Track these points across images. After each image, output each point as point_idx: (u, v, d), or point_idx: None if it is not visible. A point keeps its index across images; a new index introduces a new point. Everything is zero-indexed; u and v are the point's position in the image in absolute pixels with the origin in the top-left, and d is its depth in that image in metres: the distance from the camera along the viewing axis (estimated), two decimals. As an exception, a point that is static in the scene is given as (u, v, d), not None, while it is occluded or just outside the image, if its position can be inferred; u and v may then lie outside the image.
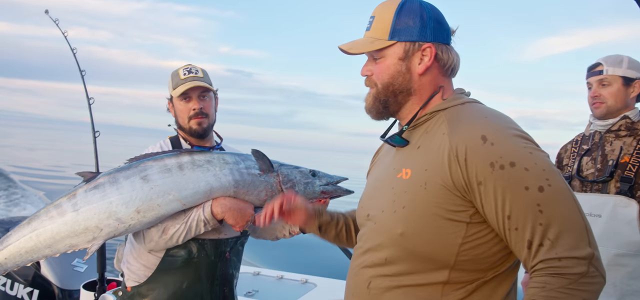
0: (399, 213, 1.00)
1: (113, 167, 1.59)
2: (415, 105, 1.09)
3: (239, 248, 1.80)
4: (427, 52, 1.06)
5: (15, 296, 2.83)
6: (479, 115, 1.00)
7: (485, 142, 0.91)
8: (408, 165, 1.04)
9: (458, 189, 0.93)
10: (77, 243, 1.52)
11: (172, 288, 1.64)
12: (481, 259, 0.97)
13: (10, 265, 1.53)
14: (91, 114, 2.45)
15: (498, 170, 0.89)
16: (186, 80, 1.70)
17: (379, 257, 1.04)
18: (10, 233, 1.54)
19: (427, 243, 0.97)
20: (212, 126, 1.78)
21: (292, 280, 3.06)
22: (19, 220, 3.31)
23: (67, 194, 1.54)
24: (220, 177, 1.59)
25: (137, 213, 1.51)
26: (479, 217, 0.94)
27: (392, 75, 1.08)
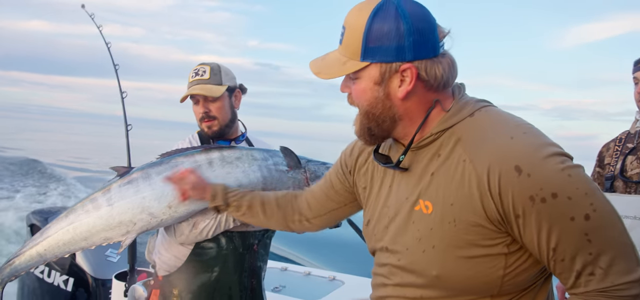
0: (430, 253, 0.92)
1: (145, 162, 1.62)
2: (409, 129, 0.97)
3: (266, 241, 1.82)
4: (407, 74, 0.90)
5: (52, 283, 2.94)
6: (501, 133, 0.87)
7: (520, 173, 0.82)
8: (426, 197, 0.93)
9: (492, 222, 0.86)
10: (111, 236, 1.56)
11: (201, 278, 1.67)
12: (525, 282, 0.91)
13: (49, 256, 1.59)
14: (124, 108, 2.49)
15: (539, 203, 0.81)
16: (191, 84, 1.71)
17: (412, 294, 0.97)
18: (49, 225, 1.59)
19: (466, 280, 0.90)
20: (227, 125, 1.75)
21: (319, 277, 3.04)
22: (57, 210, 3.43)
23: (102, 188, 1.58)
24: (249, 173, 1.60)
25: (169, 208, 1.54)
26: (516, 245, 0.88)
27: (369, 103, 0.95)
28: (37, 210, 3.40)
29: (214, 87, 1.70)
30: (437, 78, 0.92)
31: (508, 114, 0.93)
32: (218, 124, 1.72)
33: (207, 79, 1.71)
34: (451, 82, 0.96)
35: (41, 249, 1.58)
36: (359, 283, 2.89)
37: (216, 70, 1.73)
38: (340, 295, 2.67)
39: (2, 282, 1.60)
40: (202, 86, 1.69)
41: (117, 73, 2.53)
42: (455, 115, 0.94)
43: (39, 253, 1.58)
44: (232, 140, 1.80)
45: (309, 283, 2.96)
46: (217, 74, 1.73)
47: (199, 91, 1.68)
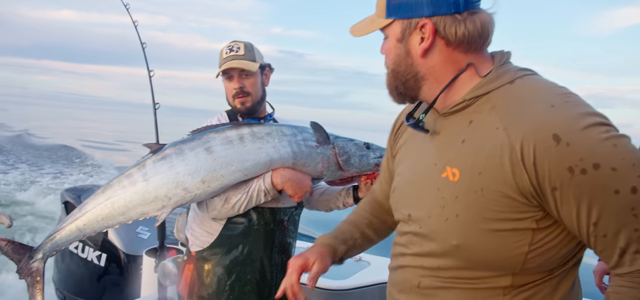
0: (452, 222, 0.88)
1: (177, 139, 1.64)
2: (435, 89, 0.93)
3: (295, 218, 1.83)
4: (425, 30, 0.89)
5: (86, 259, 3.04)
6: (541, 100, 0.81)
7: (559, 142, 0.76)
8: (454, 164, 0.89)
9: (524, 195, 0.80)
10: (147, 211, 1.58)
11: (233, 254, 1.69)
12: (549, 262, 0.86)
13: (88, 230, 1.63)
14: (151, 86, 2.51)
15: (579, 175, 0.75)
16: (227, 59, 1.71)
17: (430, 263, 0.94)
18: (87, 201, 1.63)
19: (487, 253, 0.86)
20: (259, 102, 1.77)
21: (345, 257, 3.03)
22: (89, 187, 3.53)
23: (137, 164, 1.60)
24: (280, 148, 1.62)
25: (203, 183, 1.56)
26: (547, 221, 0.83)
27: (394, 60, 0.95)
28: (71, 187, 3.52)
29: (249, 63, 1.72)
30: (458, 36, 0.88)
31: (551, 83, 0.86)
32: (251, 100, 1.74)
33: (242, 55, 1.73)
34: (480, 44, 0.90)
35: (80, 224, 1.62)
36: (385, 264, 2.86)
37: (250, 47, 1.75)
38: (367, 275, 2.65)
39: (44, 256, 1.65)
40: (238, 61, 1.71)
41: (144, 51, 2.56)
42: (493, 82, 0.88)
43: (79, 227, 1.62)
44: (261, 118, 1.81)
45: (335, 263, 2.95)
46: (250, 51, 1.75)
47: (236, 65, 1.70)
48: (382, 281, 2.59)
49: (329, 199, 1.86)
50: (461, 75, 0.91)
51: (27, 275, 1.65)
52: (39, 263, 1.65)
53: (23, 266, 1.64)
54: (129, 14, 2.56)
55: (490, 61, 0.92)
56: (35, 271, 1.65)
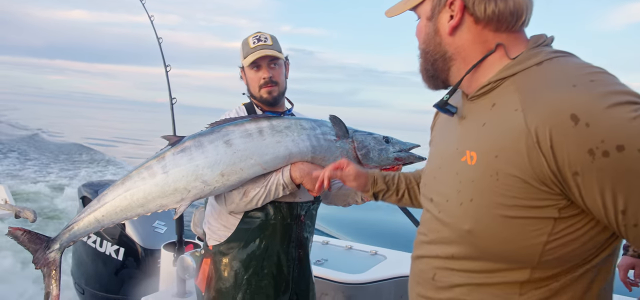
0: (466, 206, 0.84)
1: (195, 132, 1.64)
2: (463, 71, 0.90)
3: (312, 212, 1.82)
4: (454, 6, 0.86)
5: (104, 253, 3.08)
6: (564, 81, 0.75)
7: (577, 123, 0.69)
8: (473, 148, 0.85)
9: (542, 181, 0.75)
10: (167, 203, 1.57)
11: (250, 248, 1.69)
12: (571, 256, 0.79)
13: (106, 222, 1.62)
14: (168, 81, 2.53)
15: (601, 158, 0.68)
16: (255, 48, 1.71)
17: (444, 251, 0.91)
18: (106, 192, 1.62)
19: (501, 242, 0.80)
20: (283, 94, 1.79)
21: (361, 251, 3.03)
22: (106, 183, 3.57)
23: (156, 156, 1.60)
24: (299, 142, 1.61)
25: (222, 176, 1.55)
26: (570, 210, 0.76)
27: (423, 40, 0.93)
28: (88, 183, 3.56)
29: (278, 52, 1.74)
30: (487, 13, 0.84)
31: (584, 63, 0.79)
32: (278, 90, 1.75)
33: (270, 45, 1.74)
34: (513, 23, 0.86)
35: (99, 215, 1.61)
36: (401, 258, 2.86)
37: (275, 39, 1.77)
38: (383, 269, 2.64)
39: (62, 246, 1.65)
40: (269, 49, 1.71)
41: (160, 46, 2.57)
42: (520, 64, 0.83)
43: (97, 219, 1.61)
44: (281, 113, 1.80)
45: (351, 257, 2.95)
46: (276, 42, 1.77)
47: (269, 52, 1.70)
48: (398, 275, 2.58)
49: (347, 193, 1.85)
50: (490, 56, 0.87)
51: (43, 265, 1.64)
52: (56, 253, 1.64)
53: (39, 256, 1.64)
54: (145, 9, 2.58)
55: (524, 43, 0.87)
56: (52, 262, 1.64)
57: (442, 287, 0.92)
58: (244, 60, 1.74)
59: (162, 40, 2.55)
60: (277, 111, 1.79)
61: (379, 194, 1.39)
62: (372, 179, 1.38)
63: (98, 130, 29.42)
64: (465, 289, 0.88)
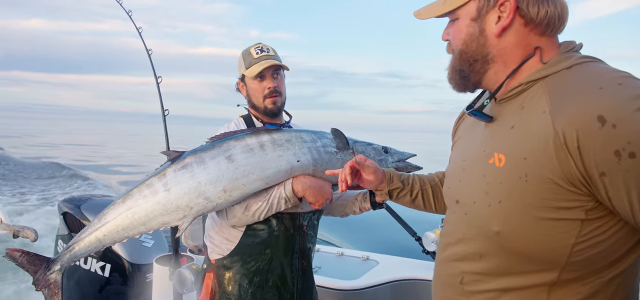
0: (495, 208, 0.85)
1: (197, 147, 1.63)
2: (501, 74, 0.90)
3: (314, 222, 1.83)
4: (505, 7, 0.86)
5: (89, 270, 2.97)
6: (591, 84, 0.76)
7: (604, 124, 0.70)
8: (501, 150, 0.86)
9: (571, 182, 0.76)
10: (169, 221, 1.56)
11: (254, 260, 1.69)
12: (599, 258, 0.80)
13: (108, 241, 1.60)
14: (160, 93, 2.49)
15: (627, 159, 0.70)
16: (260, 59, 1.72)
17: (472, 253, 0.92)
18: (106, 211, 1.60)
19: (530, 243, 0.81)
20: (284, 104, 1.80)
21: (353, 257, 3.06)
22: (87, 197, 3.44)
23: (157, 173, 1.58)
24: (300, 155, 1.61)
25: (224, 192, 1.54)
26: (598, 212, 0.77)
27: (464, 41, 0.92)
28: (68, 198, 3.43)
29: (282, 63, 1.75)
30: (540, 16, 0.85)
31: (613, 69, 0.80)
32: (281, 100, 1.76)
33: (273, 55, 1.75)
34: (557, 28, 0.87)
35: (100, 235, 1.59)
36: (393, 263, 2.90)
37: (275, 50, 1.78)
38: (377, 275, 2.67)
39: (63, 267, 1.62)
40: (274, 60, 1.73)
41: (150, 58, 2.53)
42: (552, 67, 0.84)
43: (98, 238, 1.59)
44: (281, 125, 1.80)
45: (343, 263, 2.97)
46: (277, 54, 1.78)
47: (275, 62, 1.71)
48: (392, 279, 2.62)
49: (345, 204, 1.87)
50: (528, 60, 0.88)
51: (44, 287, 1.61)
52: (57, 275, 1.61)
53: (40, 278, 1.60)
54: (132, 21, 2.53)
55: (556, 48, 0.89)
56: (53, 283, 1.61)
57: (471, 291, 0.93)
58: (248, 71, 1.73)
59: (151, 51, 2.51)
60: (276, 123, 1.79)
61: (394, 192, 1.38)
62: (388, 176, 1.38)
63: (62, 146, 28.33)
64: (493, 294, 0.89)
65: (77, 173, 13.06)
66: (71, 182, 11.83)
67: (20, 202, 9.56)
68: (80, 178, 12.47)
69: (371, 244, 3.67)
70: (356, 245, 3.37)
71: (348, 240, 4.68)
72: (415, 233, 2.64)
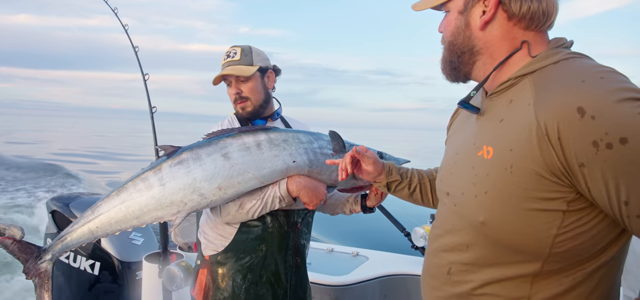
0: (481, 199, 0.87)
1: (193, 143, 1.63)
2: (489, 66, 0.93)
3: (309, 219, 1.84)
4: (489, 1, 0.89)
5: (78, 268, 2.96)
6: (574, 77, 0.78)
7: (583, 115, 0.72)
8: (490, 142, 0.88)
9: (553, 173, 0.77)
10: (162, 216, 1.55)
11: (248, 257, 1.70)
12: (580, 250, 0.82)
13: (100, 233, 1.58)
14: (147, 90, 2.49)
15: (604, 150, 0.71)
16: (224, 65, 1.75)
17: (459, 243, 0.94)
18: (100, 203, 1.59)
19: (513, 234, 0.83)
20: (261, 105, 1.79)
21: (343, 253, 3.08)
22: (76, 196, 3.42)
23: (152, 168, 1.57)
24: (296, 156, 1.62)
25: (219, 190, 1.54)
26: (579, 203, 0.79)
27: (452, 32, 0.95)
28: (56, 196, 3.41)
29: (244, 68, 1.74)
30: (522, 11, 0.87)
31: (598, 64, 0.81)
32: (251, 104, 1.76)
33: (238, 60, 1.75)
34: (543, 22, 0.89)
35: (93, 227, 1.58)
36: (383, 258, 2.93)
37: (247, 52, 1.77)
38: (367, 270, 2.70)
39: (54, 256, 1.61)
40: (233, 67, 1.73)
41: (137, 56, 2.53)
42: (540, 62, 0.86)
43: (91, 230, 1.58)
44: (267, 118, 1.82)
45: (334, 259, 2.99)
46: (248, 55, 1.77)
47: (230, 71, 1.72)
48: (381, 275, 2.65)
49: (335, 204, 1.89)
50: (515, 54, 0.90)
51: (35, 276, 1.60)
52: (48, 264, 1.61)
53: (30, 266, 1.60)
54: (118, 18, 2.53)
55: (546, 44, 0.91)
56: (44, 272, 1.60)
57: (457, 281, 0.95)
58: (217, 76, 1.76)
59: (138, 49, 2.51)
60: (264, 117, 1.81)
61: (392, 185, 1.39)
62: (387, 168, 1.39)
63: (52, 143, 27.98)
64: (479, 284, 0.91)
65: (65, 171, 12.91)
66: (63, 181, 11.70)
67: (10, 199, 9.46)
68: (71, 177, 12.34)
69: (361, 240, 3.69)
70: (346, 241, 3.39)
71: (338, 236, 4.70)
72: (404, 228, 2.66)
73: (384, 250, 3.05)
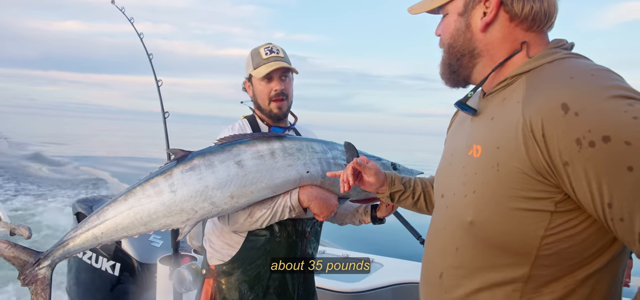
0: (470, 198, 0.85)
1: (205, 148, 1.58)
2: (488, 68, 0.91)
3: (317, 228, 1.81)
4: (490, 2, 0.87)
5: (100, 268, 3.06)
6: (564, 75, 0.76)
7: (567, 112, 0.70)
8: (479, 141, 0.87)
9: (539, 171, 0.75)
10: (171, 223, 1.51)
11: (255, 267, 1.66)
12: (570, 254, 0.79)
13: (105, 239, 1.53)
14: (160, 95, 2.54)
15: (587, 148, 0.68)
16: (269, 60, 1.67)
17: (449, 245, 0.92)
18: (106, 208, 1.54)
19: (501, 234, 0.81)
20: (290, 107, 1.76)
21: (357, 260, 3.02)
22: (100, 198, 3.53)
23: (162, 173, 1.52)
24: (310, 166, 1.58)
25: (231, 198, 1.50)
26: (567, 205, 0.76)
27: (452, 35, 0.93)
28: (82, 198, 3.54)
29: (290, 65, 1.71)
30: (524, 12, 0.86)
31: (593, 64, 0.79)
32: (287, 104, 1.72)
33: (283, 57, 1.71)
34: (544, 23, 0.87)
35: (98, 232, 1.52)
36: (398, 265, 2.87)
37: (285, 51, 1.74)
38: (380, 277, 2.66)
39: (54, 262, 1.53)
40: (283, 62, 1.68)
41: (151, 62, 2.59)
42: (535, 61, 0.85)
43: (95, 235, 1.52)
44: (286, 128, 1.77)
45: (347, 266, 2.95)
46: (287, 55, 1.74)
47: (283, 64, 1.67)
48: (394, 282, 2.59)
49: (345, 214, 1.85)
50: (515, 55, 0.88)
51: (32, 283, 1.50)
52: (47, 270, 1.51)
53: (27, 273, 1.50)
54: (134, 27, 2.59)
55: (545, 44, 0.89)
56: (42, 279, 1.51)
57: (449, 287, 0.92)
58: (255, 71, 1.69)
59: (152, 56, 2.56)
60: (281, 126, 1.75)
61: (395, 195, 1.37)
62: (390, 178, 1.37)
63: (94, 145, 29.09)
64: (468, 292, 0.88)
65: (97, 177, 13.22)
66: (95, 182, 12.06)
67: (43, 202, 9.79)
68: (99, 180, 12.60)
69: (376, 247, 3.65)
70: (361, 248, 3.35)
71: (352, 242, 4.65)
72: (420, 236, 2.60)
73: (399, 257, 2.98)
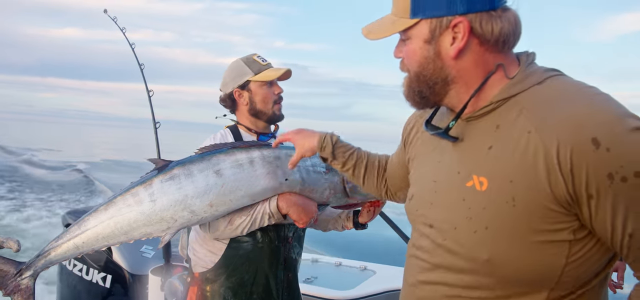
0: (481, 234, 0.82)
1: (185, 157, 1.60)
2: (464, 94, 0.87)
3: (300, 233, 1.82)
4: (459, 28, 0.82)
5: (90, 281, 3.02)
6: (577, 101, 0.76)
7: (598, 147, 0.70)
8: (481, 173, 0.83)
9: (560, 203, 0.75)
10: (151, 232, 1.54)
11: (238, 273, 1.67)
12: (586, 274, 0.81)
13: (86, 249, 1.55)
14: (151, 106, 2.54)
15: (619, 183, 0.70)
16: (268, 65, 1.75)
17: (457, 280, 0.87)
18: (87, 217, 1.56)
19: (521, 268, 0.80)
20: None
21: (350, 267, 3.03)
22: (91, 209, 3.50)
23: (143, 182, 1.55)
24: (289, 174, 1.60)
25: (210, 207, 1.53)
26: (582, 232, 0.77)
27: (419, 63, 0.88)
28: (72, 210, 3.51)
29: None
30: (495, 34, 0.82)
31: (580, 82, 0.80)
32: None
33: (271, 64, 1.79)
34: (513, 43, 0.85)
35: (79, 241, 1.55)
36: (391, 273, 2.86)
37: None
38: (373, 285, 2.64)
39: (35, 273, 1.54)
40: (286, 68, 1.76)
41: (143, 73, 2.59)
42: (521, 83, 0.83)
43: (77, 245, 1.54)
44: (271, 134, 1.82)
45: (341, 273, 2.95)
46: None
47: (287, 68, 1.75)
48: (388, 289, 2.58)
49: (327, 220, 1.87)
50: (491, 77, 0.86)
51: (14, 293, 1.50)
52: (29, 280, 1.52)
53: (9, 283, 1.50)
54: (125, 36, 2.59)
55: (516, 62, 0.88)
56: (25, 289, 1.51)
57: None
58: (259, 76, 1.72)
59: (144, 66, 2.56)
60: (265, 133, 1.79)
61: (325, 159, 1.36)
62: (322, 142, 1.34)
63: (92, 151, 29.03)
64: None
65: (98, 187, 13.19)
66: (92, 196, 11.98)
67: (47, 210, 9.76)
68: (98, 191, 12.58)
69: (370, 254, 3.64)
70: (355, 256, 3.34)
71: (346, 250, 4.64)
72: (407, 238, 2.59)
73: (392, 264, 2.98)
